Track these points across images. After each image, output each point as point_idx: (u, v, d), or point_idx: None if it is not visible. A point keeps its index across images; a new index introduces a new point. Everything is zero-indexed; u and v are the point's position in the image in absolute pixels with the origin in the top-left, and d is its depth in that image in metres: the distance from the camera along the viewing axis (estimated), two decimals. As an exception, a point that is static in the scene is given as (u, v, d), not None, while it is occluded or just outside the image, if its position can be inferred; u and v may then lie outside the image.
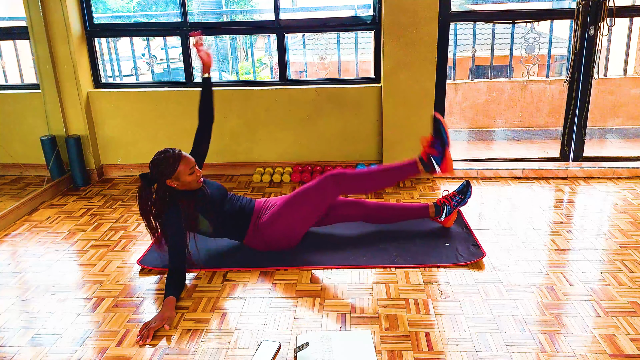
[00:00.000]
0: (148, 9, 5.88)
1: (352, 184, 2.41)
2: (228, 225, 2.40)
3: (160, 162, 2.15)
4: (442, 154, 2.31)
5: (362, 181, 2.42)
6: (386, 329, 1.87)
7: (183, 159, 2.17)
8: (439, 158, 2.31)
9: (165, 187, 2.19)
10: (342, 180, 2.39)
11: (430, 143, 2.36)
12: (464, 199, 2.62)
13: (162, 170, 2.15)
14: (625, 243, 2.48)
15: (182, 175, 2.17)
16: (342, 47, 3.99)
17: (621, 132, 5.05)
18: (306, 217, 2.43)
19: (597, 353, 1.71)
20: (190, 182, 2.20)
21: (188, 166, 2.17)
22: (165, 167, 2.14)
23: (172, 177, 2.16)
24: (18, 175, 3.76)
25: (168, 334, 1.89)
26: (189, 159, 2.19)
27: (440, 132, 2.31)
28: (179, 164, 2.15)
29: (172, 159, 2.15)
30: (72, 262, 2.49)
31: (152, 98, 3.62)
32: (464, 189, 2.63)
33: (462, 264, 2.30)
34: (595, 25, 3.21)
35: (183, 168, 2.16)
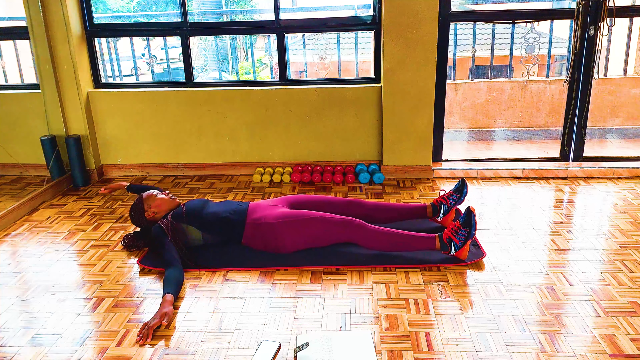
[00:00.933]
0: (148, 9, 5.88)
1: (367, 239, 2.39)
2: (219, 225, 2.44)
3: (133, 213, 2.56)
4: (464, 243, 2.29)
5: (378, 239, 2.39)
6: (386, 329, 1.87)
7: (143, 196, 2.56)
8: (458, 246, 2.30)
9: (150, 221, 2.52)
10: (361, 231, 2.38)
11: (457, 230, 2.31)
12: (460, 198, 2.62)
13: (137, 212, 2.53)
14: (625, 243, 2.48)
15: (152, 202, 2.53)
16: (342, 47, 3.99)
17: (621, 132, 5.05)
18: (309, 241, 2.44)
19: (597, 353, 1.71)
20: (162, 204, 2.53)
21: (150, 195, 2.55)
22: (137, 209, 2.54)
23: (148, 211, 2.51)
24: (18, 175, 3.76)
25: (168, 334, 1.89)
26: (148, 193, 2.58)
27: (471, 225, 2.28)
28: (142, 199, 2.54)
29: (136, 201, 2.56)
30: (72, 262, 2.49)
31: (152, 98, 3.62)
32: (459, 187, 2.64)
33: (462, 264, 2.30)
34: (595, 25, 3.21)
35: (147, 196, 2.55)
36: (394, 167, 3.51)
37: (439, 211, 2.63)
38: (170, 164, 3.75)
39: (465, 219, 2.30)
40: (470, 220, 2.27)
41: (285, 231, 2.39)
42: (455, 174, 3.51)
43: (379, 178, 3.44)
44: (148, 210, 2.52)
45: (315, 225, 2.40)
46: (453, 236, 2.30)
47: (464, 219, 2.30)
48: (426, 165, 3.49)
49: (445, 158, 3.63)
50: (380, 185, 3.41)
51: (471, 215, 2.28)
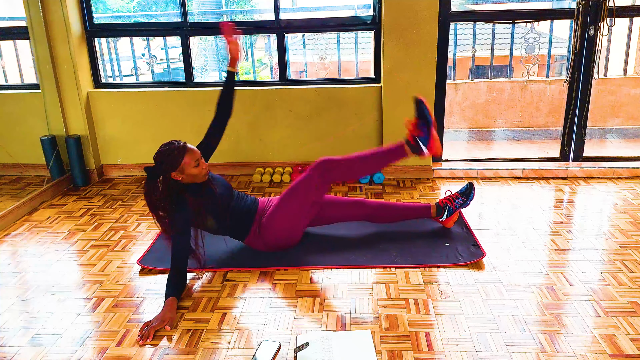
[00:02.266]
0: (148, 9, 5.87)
1: (340, 170, 2.38)
2: (232, 224, 2.40)
3: (165, 154, 2.10)
4: (428, 135, 2.28)
5: (349, 166, 2.39)
6: (386, 329, 1.87)
7: (188, 151, 2.13)
8: (425, 139, 2.28)
9: (171, 180, 2.15)
10: (329, 166, 2.37)
11: (415, 125, 2.32)
12: (466, 201, 2.62)
13: (167, 162, 2.09)
14: (625, 243, 2.48)
15: (187, 168, 2.13)
16: (342, 47, 3.99)
17: (621, 132, 5.05)
18: (301, 210, 2.40)
19: (597, 353, 1.71)
20: (195, 175, 2.16)
21: (193, 158, 2.13)
22: (170, 159, 2.09)
23: (176, 170, 2.12)
24: (18, 175, 3.76)
25: (168, 334, 1.89)
26: (194, 151, 2.16)
27: (424, 112, 2.29)
28: (183, 156, 2.11)
29: (177, 151, 2.10)
30: (72, 262, 2.49)
31: (152, 98, 3.62)
32: (467, 191, 2.63)
33: (462, 264, 2.30)
34: (595, 25, 3.21)
35: (188, 160, 2.12)
36: (394, 167, 3.51)
37: (443, 212, 2.62)
38: (170, 164, 3.74)
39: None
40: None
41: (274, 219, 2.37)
42: (455, 174, 3.51)
43: (379, 178, 3.44)
44: (178, 172, 2.13)
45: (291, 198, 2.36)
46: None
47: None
48: (426, 165, 3.49)
49: (445, 158, 3.63)
50: (380, 185, 3.40)
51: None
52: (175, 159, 2.10)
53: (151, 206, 2.17)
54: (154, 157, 2.14)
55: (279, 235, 2.41)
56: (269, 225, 2.38)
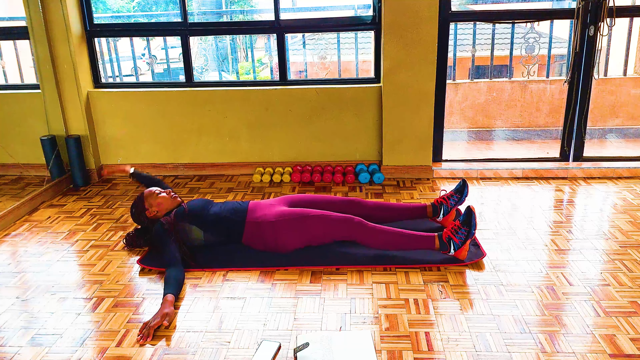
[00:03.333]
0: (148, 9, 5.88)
1: (366, 236, 2.39)
2: (220, 226, 2.44)
3: (133, 211, 2.56)
4: (464, 243, 2.28)
5: (377, 237, 2.39)
6: (386, 329, 1.87)
7: (144, 194, 2.53)
8: (458, 245, 2.29)
9: (151, 220, 2.50)
10: (360, 229, 2.38)
11: (456, 229, 2.31)
12: (460, 198, 2.62)
13: (138, 211, 2.53)
14: (625, 243, 2.48)
15: (153, 201, 2.50)
16: (342, 47, 3.99)
17: (621, 132, 5.05)
18: (308, 239, 2.44)
19: (597, 353, 1.71)
20: (163, 202, 2.51)
21: (153, 194, 2.51)
22: (137, 208, 2.53)
23: (148, 209, 2.49)
24: (18, 175, 3.76)
25: (168, 334, 1.89)
26: (149, 190, 2.55)
27: (471, 225, 2.27)
28: (143, 199, 2.51)
29: (137, 201, 2.54)
30: (72, 262, 2.49)
31: (152, 98, 3.62)
32: (460, 188, 2.64)
33: (462, 263, 2.30)
34: (595, 25, 3.21)
35: (148, 194, 2.52)
36: (394, 167, 3.51)
37: (439, 211, 2.63)
38: (170, 164, 3.75)
39: (465, 218, 2.29)
40: (470, 219, 2.27)
41: (284, 229, 2.39)
42: (455, 174, 3.51)
43: (379, 178, 3.44)
44: (149, 209, 2.50)
45: (314, 223, 2.40)
46: (452, 235, 2.29)
47: (464, 218, 2.30)
48: (426, 165, 3.49)
49: (445, 158, 3.63)
50: (380, 185, 3.40)
51: (471, 215, 2.27)
52: (140, 204, 2.52)
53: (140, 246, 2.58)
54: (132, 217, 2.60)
55: (284, 244, 2.42)
56: (279, 229, 2.40)
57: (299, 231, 2.40)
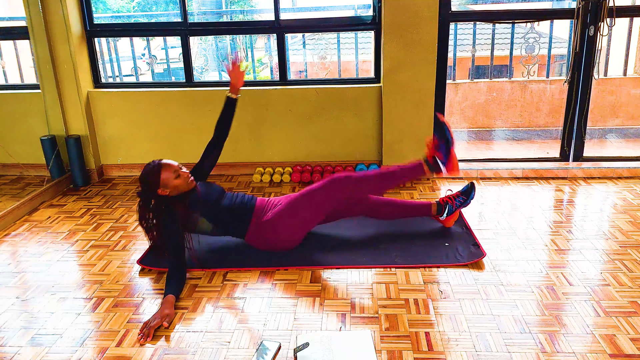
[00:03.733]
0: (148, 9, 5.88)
1: (358, 186, 2.41)
2: (228, 221, 2.41)
3: (145, 177, 2.25)
4: (448, 154, 2.30)
5: (367, 183, 2.42)
6: (386, 329, 1.87)
7: (164, 166, 2.24)
8: (444, 158, 2.31)
9: (159, 197, 2.26)
10: (348, 183, 2.39)
11: (435, 145, 2.36)
12: (466, 200, 2.62)
13: (149, 182, 2.23)
14: (625, 243, 2.48)
15: (169, 182, 2.24)
16: (342, 47, 3.99)
17: (621, 132, 5.05)
18: (310, 218, 2.43)
19: (597, 353, 1.71)
20: (178, 185, 2.26)
21: (171, 171, 2.24)
22: (150, 179, 2.22)
23: (160, 186, 2.23)
24: (18, 175, 3.76)
25: (168, 334, 1.89)
26: (170, 165, 2.26)
27: (444, 132, 2.31)
28: (160, 172, 2.22)
29: (153, 170, 2.23)
30: (72, 262, 2.49)
31: (152, 98, 3.62)
32: (467, 190, 2.63)
33: (462, 264, 2.30)
34: (595, 25, 3.21)
35: (166, 175, 2.23)
36: (394, 167, 3.51)
37: (443, 210, 2.62)
38: (170, 164, 3.75)
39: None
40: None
41: (280, 222, 2.38)
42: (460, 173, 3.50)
43: (379, 178, 3.43)
44: (162, 188, 2.24)
45: (304, 202, 2.39)
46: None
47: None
48: (426, 165, 3.49)
49: (445, 158, 3.62)
50: (380, 185, 3.40)
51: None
52: (155, 177, 2.22)
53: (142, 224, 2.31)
54: (138, 181, 2.28)
55: (282, 237, 2.41)
56: (274, 225, 2.39)
57: (293, 217, 2.38)
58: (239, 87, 2.54)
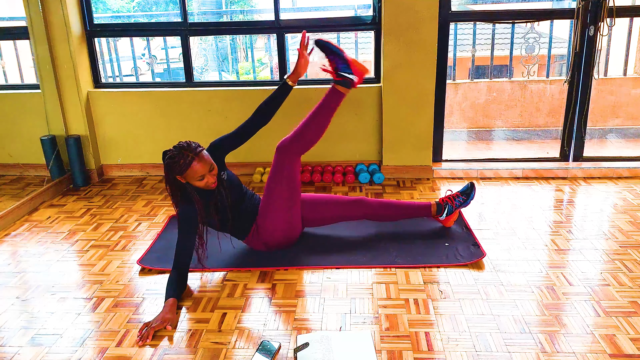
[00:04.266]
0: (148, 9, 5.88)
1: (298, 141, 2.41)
2: (235, 223, 2.38)
3: (171, 160, 2.06)
4: (346, 62, 2.31)
5: (303, 133, 2.41)
6: (386, 329, 1.87)
7: (196, 164, 2.06)
8: (346, 67, 2.32)
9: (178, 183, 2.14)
10: (287, 144, 2.41)
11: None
12: (466, 200, 2.62)
13: (172, 167, 2.07)
14: (625, 243, 2.48)
15: (191, 180, 2.10)
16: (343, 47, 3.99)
17: (621, 132, 5.05)
18: (287, 198, 2.38)
19: (597, 353, 1.71)
20: (198, 186, 2.13)
21: (199, 172, 2.07)
22: (174, 166, 2.06)
23: (182, 175, 2.09)
24: (18, 175, 3.76)
25: (168, 334, 1.89)
26: (202, 165, 2.07)
27: (328, 48, 2.33)
28: (189, 168, 2.05)
29: (182, 161, 2.04)
30: (72, 262, 2.49)
31: (152, 98, 3.62)
32: (467, 190, 2.63)
33: (462, 264, 2.30)
34: (595, 25, 3.21)
35: (192, 174, 2.07)
36: (394, 167, 3.51)
37: (443, 210, 2.62)
38: (170, 164, 3.74)
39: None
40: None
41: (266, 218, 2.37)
42: (455, 173, 3.51)
43: (379, 178, 3.44)
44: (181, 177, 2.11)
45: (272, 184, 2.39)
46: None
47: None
48: (426, 165, 3.49)
49: (445, 158, 3.63)
50: (380, 185, 3.41)
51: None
52: (179, 168, 2.06)
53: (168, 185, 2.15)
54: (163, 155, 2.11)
55: (277, 232, 2.40)
56: (264, 223, 2.38)
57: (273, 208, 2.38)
58: (301, 75, 2.46)
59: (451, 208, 2.61)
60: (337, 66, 2.34)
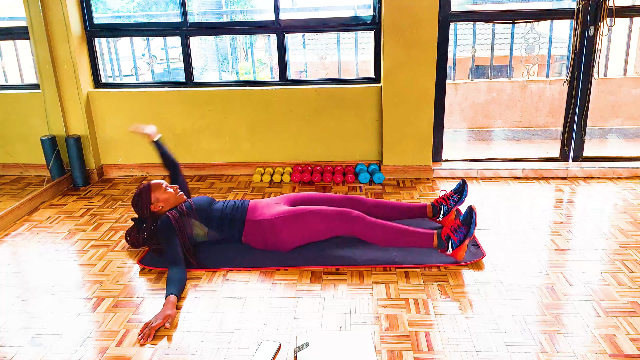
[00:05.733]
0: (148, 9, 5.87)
1: (365, 231, 2.37)
2: (222, 223, 2.44)
3: (138, 198, 2.46)
4: (461, 243, 2.26)
5: (375, 231, 2.36)
6: (386, 329, 1.87)
7: (152, 186, 2.47)
8: (456, 244, 2.27)
9: (154, 214, 2.45)
10: (358, 223, 2.37)
11: (456, 228, 2.29)
12: (460, 199, 2.63)
13: (142, 202, 2.44)
14: (625, 243, 2.48)
15: (160, 196, 2.45)
16: (342, 47, 3.99)
17: (621, 132, 5.05)
18: (308, 235, 2.44)
19: (597, 353, 1.72)
20: (169, 198, 2.47)
21: (160, 188, 2.47)
22: (142, 199, 2.44)
23: (153, 203, 2.44)
24: (18, 175, 3.76)
25: (168, 334, 1.89)
26: (157, 183, 2.49)
27: (471, 224, 2.25)
28: (149, 191, 2.45)
29: (143, 191, 2.46)
30: (72, 262, 2.49)
31: (152, 98, 3.62)
32: (460, 188, 2.64)
33: (462, 264, 2.30)
34: (595, 25, 3.21)
35: (156, 191, 2.46)
36: (394, 167, 3.51)
37: (439, 212, 2.63)
38: (170, 164, 3.75)
39: (465, 217, 2.29)
40: (470, 219, 2.26)
41: (283, 227, 2.39)
42: (455, 174, 3.51)
43: (379, 178, 3.44)
44: (155, 203, 2.45)
45: (312, 218, 2.40)
46: (451, 233, 2.27)
47: (464, 217, 2.29)
48: (426, 165, 3.49)
49: (445, 158, 3.63)
50: (380, 185, 3.41)
51: (472, 214, 2.26)
52: (146, 196, 2.45)
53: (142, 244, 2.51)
54: (132, 205, 2.50)
55: (284, 239, 2.42)
56: (277, 225, 2.40)
57: (297, 228, 2.40)
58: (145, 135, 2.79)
59: (447, 208, 2.63)
60: (455, 237, 2.27)
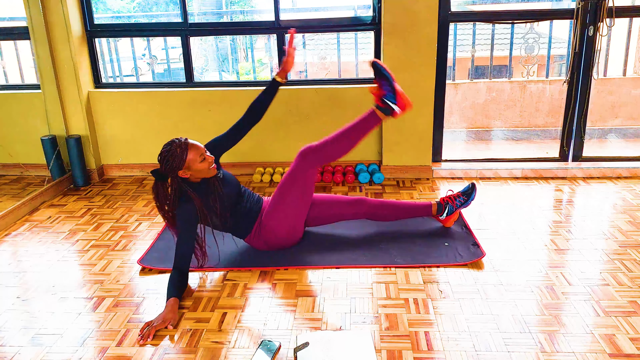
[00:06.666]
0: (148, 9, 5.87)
1: (324, 152, 2.38)
2: (235, 222, 2.39)
3: (169, 154, 2.07)
4: (393, 92, 2.29)
5: (331, 146, 2.39)
6: (386, 329, 1.87)
7: (191, 147, 2.09)
8: (392, 96, 2.29)
9: (179, 179, 2.14)
10: (311, 152, 2.38)
11: (378, 87, 2.33)
12: (467, 201, 2.62)
13: (172, 161, 2.07)
14: (625, 243, 2.49)
15: (193, 164, 2.10)
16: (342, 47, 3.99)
17: (621, 132, 5.06)
18: (298, 203, 2.41)
19: (596, 353, 1.72)
20: (202, 169, 2.13)
21: (197, 154, 2.10)
22: (174, 158, 2.06)
23: (183, 168, 2.10)
24: (18, 175, 3.77)
25: (169, 334, 1.89)
26: (198, 147, 2.12)
27: (381, 71, 2.30)
28: (187, 153, 2.08)
29: (179, 149, 2.07)
30: (72, 262, 2.49)
31: (152, 98, 3.62)
32: (468, 190, 2.64)
33: (462, 263, 2.31)
34: (595, 25, 3.22)
35: (193, 156, 2.09)
36: (393, 167, 3.52)
37: (443, 209, 2.62)
38: (171, 164, 3.75)
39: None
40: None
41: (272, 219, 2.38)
42: (455, 174, 3.51)
43: (379, 178, 3.44)
44: (184, 170, 2.11)
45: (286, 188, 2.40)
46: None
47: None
48: (426, 165, 3.49)
49: (445, 158, 3.63)
50: (380, 185, 3.41)
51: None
52: (179, 157, 2.07)
53: (160, 209, 2.20)
54: (158, 158, 2.12)
55: (280, 233, 2.41)
56: (269, 223, 2.39)
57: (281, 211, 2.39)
58: (289, 70, 2.49)
59: (452, 208, 2.61)
60: (383, 92, 2.31)
